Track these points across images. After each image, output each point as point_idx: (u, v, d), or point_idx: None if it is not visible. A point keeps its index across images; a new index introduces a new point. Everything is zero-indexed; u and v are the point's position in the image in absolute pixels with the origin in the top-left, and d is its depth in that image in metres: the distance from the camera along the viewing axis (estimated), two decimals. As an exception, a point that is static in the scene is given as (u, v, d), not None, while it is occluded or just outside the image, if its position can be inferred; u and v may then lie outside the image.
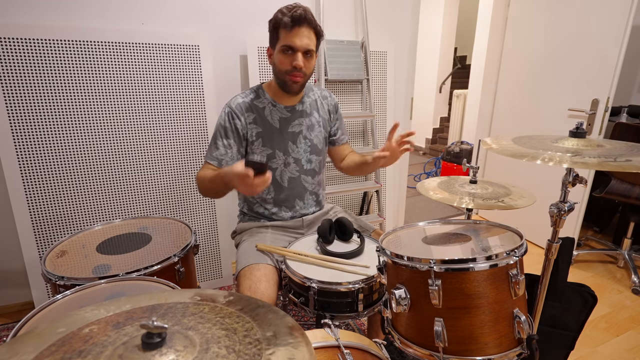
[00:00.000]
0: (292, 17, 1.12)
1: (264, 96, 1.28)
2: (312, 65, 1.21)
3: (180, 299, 0.63)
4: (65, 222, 1.67)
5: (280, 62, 1.17)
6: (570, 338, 1.26)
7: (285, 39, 1.14)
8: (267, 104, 1.27)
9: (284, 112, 1.28)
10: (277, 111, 1.28)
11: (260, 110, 1.26)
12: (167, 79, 1.72)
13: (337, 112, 1.43)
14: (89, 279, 1.01)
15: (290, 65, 1.16)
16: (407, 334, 0.88)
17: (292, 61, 1.15)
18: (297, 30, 1.13)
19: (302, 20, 1.12)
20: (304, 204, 1.37)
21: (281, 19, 1.13)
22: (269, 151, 1.27)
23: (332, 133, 1.43)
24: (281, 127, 1.28)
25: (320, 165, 1.39)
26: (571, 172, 0.91)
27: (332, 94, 1.42)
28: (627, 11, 1.89)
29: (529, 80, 2.47)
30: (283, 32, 1.14)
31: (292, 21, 1.12)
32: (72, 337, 0.52)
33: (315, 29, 1.17)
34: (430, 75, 5.10)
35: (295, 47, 1.14)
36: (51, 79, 1.54)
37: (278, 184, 1.31)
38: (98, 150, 1.67)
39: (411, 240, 1.00)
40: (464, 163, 1.44)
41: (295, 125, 1.30)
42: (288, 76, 1.18)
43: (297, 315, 1.80)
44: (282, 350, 0.50)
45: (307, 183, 1.35)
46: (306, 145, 1.32)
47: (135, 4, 1.65)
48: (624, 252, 2.26)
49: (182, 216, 1.89)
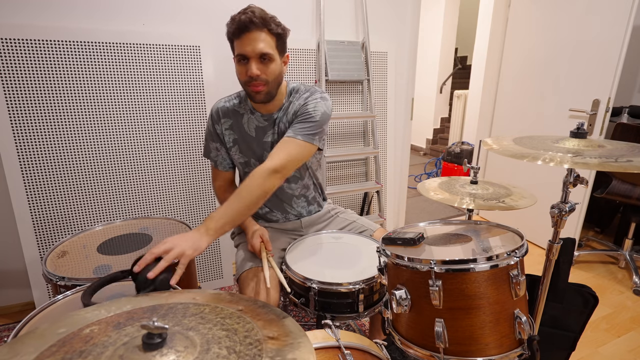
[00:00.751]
0: (237, 24, 1.04)
1: (245, 102, 1.23)
2: (275, 70, 1.10)
3: (181, 300, 0.63)
4: (66, 222, 1.67)
5: (238, 72, 1.11)
6: (571, 339, 1.26)
7: (237, 47, 1.08)
8: (247, 110, 1.23)
9: (261, 120, 1.22)
10: (255, 119, 1.22)
11: (238, 117, 1.23)
12: (168, 79, 1.72)
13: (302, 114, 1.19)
14: (89, 279, 1.01)
15: (246, 75, 1.08)
16: (407, 334, 0.88)
17: (247, 70, 1.08)
18: (247, 36, 1.05)
19: (249, 24, 1.03)
20: (294, 206, 1.34)
21: (229, 28, 1.07)
22: (245, 159, 1.25)
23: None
24: (257, 136, 1.23)
25: (301, 170, 1.29)
26: (572, 172, 0.91)
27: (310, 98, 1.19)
28: (628, 11, 1.89)
29: (529, 80, 2.47)
30: (235, 42, 1.08)
31: (238, 29, 1.05)
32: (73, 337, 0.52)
33: (269, 29, 1.06)
34: (431, 76, 5.10)
35: (246, 54, 1.06)
36: (54, 79, 1.54)
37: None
38: (99, 151, 1.67)
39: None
40: (465, 163, 1.44)
41: (269, 134, 1.23)
42: (248, 87, 1.11)
43: (298, 315, 1.80)
44: (283, 351, 0.50)
45: (290, 190, 1.30)
46: None
47: (136, 5, 1.65)
48: (625, 252, 2.26)
49: (183, 216, 1.89)
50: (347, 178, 2.32)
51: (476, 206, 1.22)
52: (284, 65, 1.18)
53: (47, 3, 1.52)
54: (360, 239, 1.30)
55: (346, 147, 2.25)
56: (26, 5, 1.50)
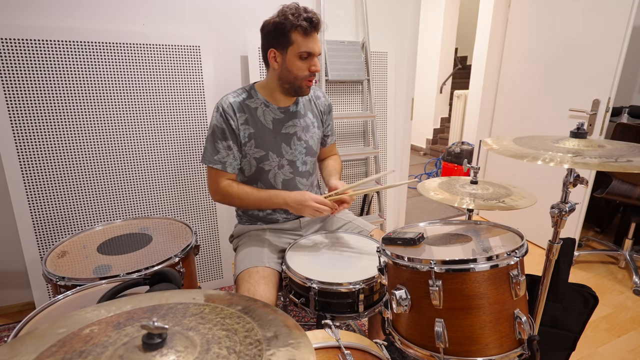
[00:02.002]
0: (310, 22, 1.11)
1: (257, 96, 1.25)
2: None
3: (181, 300, 0.63)
4: (66, 222, 1.67)
5: (298, 68, 1.16)
6: (572, 339, 1.26)
7: (303, 44, 1.13)
8: (260, 104, 1.24)
9: (277, 113, 1.26)
10: (270, 112, 1.25)
11: (252, 111, 1.24)
12: (168, 79, 1.72)
13: (330, 113, 1.41)
14: (89, 279, 1.01)
15: (308, 71, 1.17)
16: (407, 334, 0.88)
17: (310, 66, 1.16)
18: (314, 36, 1.14)
19: (317, 25, 1.13)
20: None
21: (295, 23, 1.11)
22: (262, 152, 1.25)
23: (325, 134, 1.42)
24: (274, 128, 1.25)
25: (314, 167, 1.38)
26: (572, 172, 0.91)
27: (326, 95, 1.40)
28: (628, 11, 1.89)
29: (529, 80, 2.47)
30: (299, 37, 1.12)
31: (311, 26, 1.12)
32: (73, 337, 0.52)
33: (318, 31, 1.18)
34: (431, 76, 5.10)
35: (314, 52, 1.15)
36: (54, 79, 1.54)
37: (272, 186, 1.29)
38: (99, 151, 1.67)
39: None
40: (465, 163, 1.44)
41: (289, 126, 1.27)
42: (305, 81, 1.18)
43: (298, 315, 1.80)
44: (283, 351, 0.50)
45: (301, 185, 1.33)
46: (301, 146, 1.30)
47: (136, 5, 1.65)
48: (625, 252, 2.26)
49: (183, 216, 1.89)
50: (347, 178, 2.32)
51: (476, 206, 1.22)
52: None
53: (47, 3, 1.52)
54: (361, 238, 1.30)
55: (346, 147, 2.25)
56: (27, 6, 1.50)
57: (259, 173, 1.27)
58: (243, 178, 1.31)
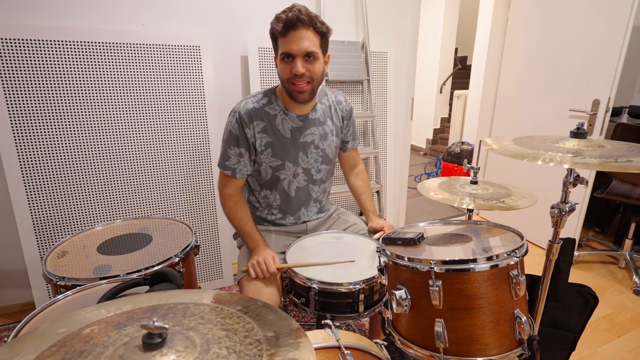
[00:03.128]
0: (284, 22, 1.04)
1: (276, 102, 1.20)
2: (319, 68, 1.12)
3: (181, 300, 0.63)
4: (66, 222, 1.67)
5: (282, 70, 1.11)
6: (571, 339, 1.26)
7: (281, 46, 1.08)
8: (279, 111, 1.20)
9: (295, 121, 1.21)
10: (289, 120, 1.20)
11: (271, 118, 1.19)
12: (168, 80, 1.72)
13: (351, 118, 1.36)
14: (89, 279, 1.01)
15: (290, 73, 1.09)
16: (407, 334, 0.88)
17: (292, 68, 1.08)
18: (292, 35, 1.05)
19: (296, 22, 1.04)
20: (307, 212, 1.36)
21: (274, 25, 1.07)
22: (279, 162, 1.21)
23: (344, 139, 1.38)
24: (293, 137, 1.21)
25: (328, 174, 1.35)
26: (572, 172, 0.91)
27: (347, 99, 1.34)
28: (628, 11, 1.89)
29: (529, 80, 2.47)
30: (280, 40, 1.08)
31: (285, 26, 1.05)
32: (73, 337, 0.52)
33: (315, 27, 1.07)
34: (431, 76, 5.10)
35: (292, 53, 1.07)
36: (54, 79, 1.54)
37: (285, 193, 1.28)
38: (99, 151, 1.67)
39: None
40: (465, 163, 1.44)
41: (307, 134, 1.23)
42: (291, 85, 1.11)
43: (298, 315, 1.80)
44: (283, 351, 0.50)
45: (313, 192, 1.32)
46: (317, 155, 1.26)
47: (136, 5, 1.65)
48: (625, 252, 2.26)
49: (183, 216, 1.89)
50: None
51: (476, 206, 1.22)
52: (325, 65, 1.18)
53: (46, 3, 1.52)
54: (360, 238, 1.30)
55: (346, 147, 2.25)
56: (25, 5, 1.50)
57: (275, 181, 1.26)
58: (260, 182, 1.29)
